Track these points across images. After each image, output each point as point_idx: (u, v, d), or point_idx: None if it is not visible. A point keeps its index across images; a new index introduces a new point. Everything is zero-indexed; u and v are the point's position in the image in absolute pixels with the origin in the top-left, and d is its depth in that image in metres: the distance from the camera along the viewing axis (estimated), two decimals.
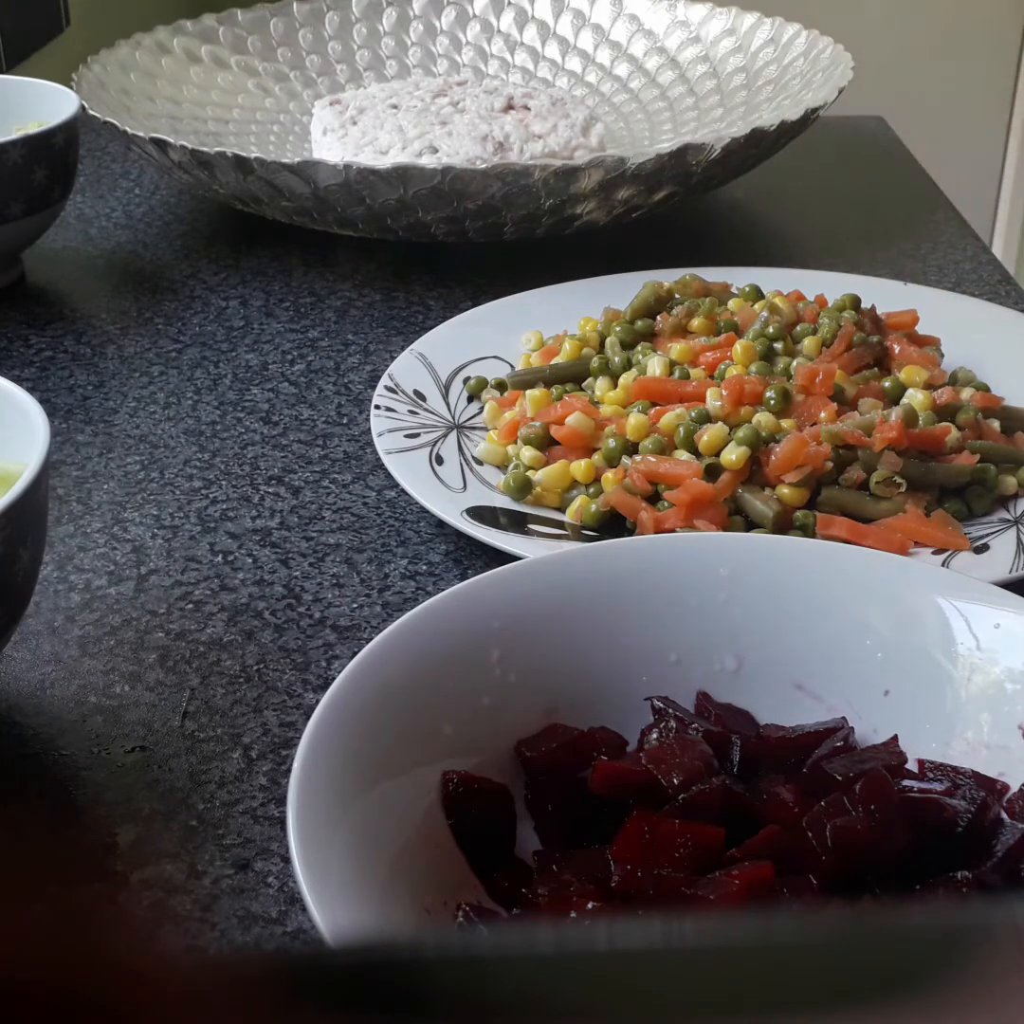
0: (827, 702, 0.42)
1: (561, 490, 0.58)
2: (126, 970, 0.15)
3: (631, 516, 0.56)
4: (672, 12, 1.07)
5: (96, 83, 0.94)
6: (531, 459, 0.59)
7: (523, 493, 0.58)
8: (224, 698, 0.48)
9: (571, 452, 0.59)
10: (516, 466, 0.59)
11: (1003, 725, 0.39)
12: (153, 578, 0.55)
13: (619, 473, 0.57)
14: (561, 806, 0.39)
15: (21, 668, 0.50)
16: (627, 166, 0.76)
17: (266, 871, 0.41)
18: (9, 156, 0.75)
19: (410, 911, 0.34)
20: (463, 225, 0.79)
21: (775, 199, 0.97)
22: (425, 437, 0.61)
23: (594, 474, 0.58)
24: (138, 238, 0.90)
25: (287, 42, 1.07)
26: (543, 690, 0.41)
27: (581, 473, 0.58)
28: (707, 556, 0.44)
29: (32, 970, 0.14)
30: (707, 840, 0.35)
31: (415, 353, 0.68)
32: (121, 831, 0.43)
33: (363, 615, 0.53)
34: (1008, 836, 0.37)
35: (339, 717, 0.36)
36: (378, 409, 0.63)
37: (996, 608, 0.41)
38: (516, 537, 0.55)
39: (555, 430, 0.60)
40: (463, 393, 0.66)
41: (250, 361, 0.74)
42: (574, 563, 0.44)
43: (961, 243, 0.87)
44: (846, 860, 0.35)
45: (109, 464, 0.64)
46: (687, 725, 0.40)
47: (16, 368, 0.72)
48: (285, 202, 0.80)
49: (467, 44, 1.11)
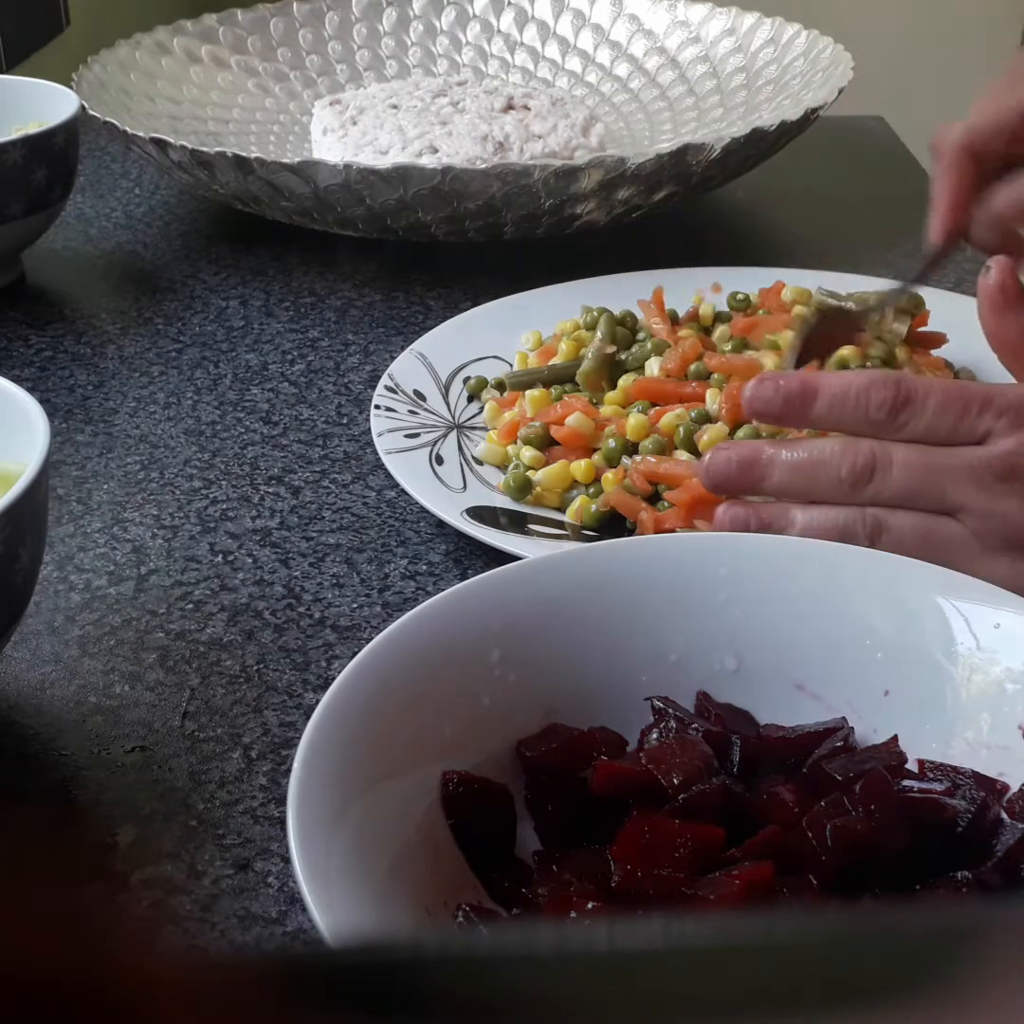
0: (827, 702, 0.42)
1: (561, 490, 0.58)
2: (126, 970, 0.15)
3: (631, 516, 0.56)
4: (672, 12, 1.07)
5: (96, 83, 0.94)
6: (531, 459, 0.59)
7: (523, 493, 0.58)
8: (224, 698, 0.48)
9: (571, 452, 0.59)
10: (516, 466, 0.59)
11: (1003, 725, 0.39)
12: (153, 578, 0.55)
13: (619, 473, 0.57)
14: (561, 806, 0.39)
15: (21, 668, 0.50)
16: (627, 166, 0.76)
17: (266, 871, 0.41)
18: (9, 156, 0.75)
19: (410, 911, 0.34)
20: (463, 225, 0.79)
21: (775, 199, 0.97)
22: (425, 437, 0.61)
23: (594, 474, 0.58)
24: (138, 238, 0.90)
25: (287, 42, 1.07)
26: (543, 690, 0.41)
27: (581, 473, 0.58)
28: (707, 556, 0.44)
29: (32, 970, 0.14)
30: (707, 840, 0.35)
31: (415, 353, 0.68)
32: (121, 831, 0.43)
33: (363, 615, 0.53)
34: (1008, 836, 0.37)
35: (339, 717, 0.36)
36: (378, 409, 0.63)
37: (996, 608, 0.41)
38: (516, 537, 0.55)
39: (555, 430, 0.60)
40: (463, 393, 0.66)
41: (250, 361, 0.74)
42: (574, 563, 0.44)
43: (961, 243, 0.87)
44: (846, 860, 0.35)
45: (109, 464, 0.64)
46: (687, 725, 0.40)
47: (16, 368, 0.72)
48: (285, 202, 0.80)
49: (467, 44, 1.11)
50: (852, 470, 0.48)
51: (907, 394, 0.48)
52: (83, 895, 0.15)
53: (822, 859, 0.35)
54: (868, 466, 0.48)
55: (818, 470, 0.48)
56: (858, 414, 0.48)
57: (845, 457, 0.48)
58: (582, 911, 0.34)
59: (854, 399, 0.48)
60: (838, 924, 0.16)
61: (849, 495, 0.48)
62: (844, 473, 0.48)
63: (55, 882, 0.15)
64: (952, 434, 0.47)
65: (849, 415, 0.48)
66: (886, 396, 0.48)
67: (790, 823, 0.36)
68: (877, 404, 0.48)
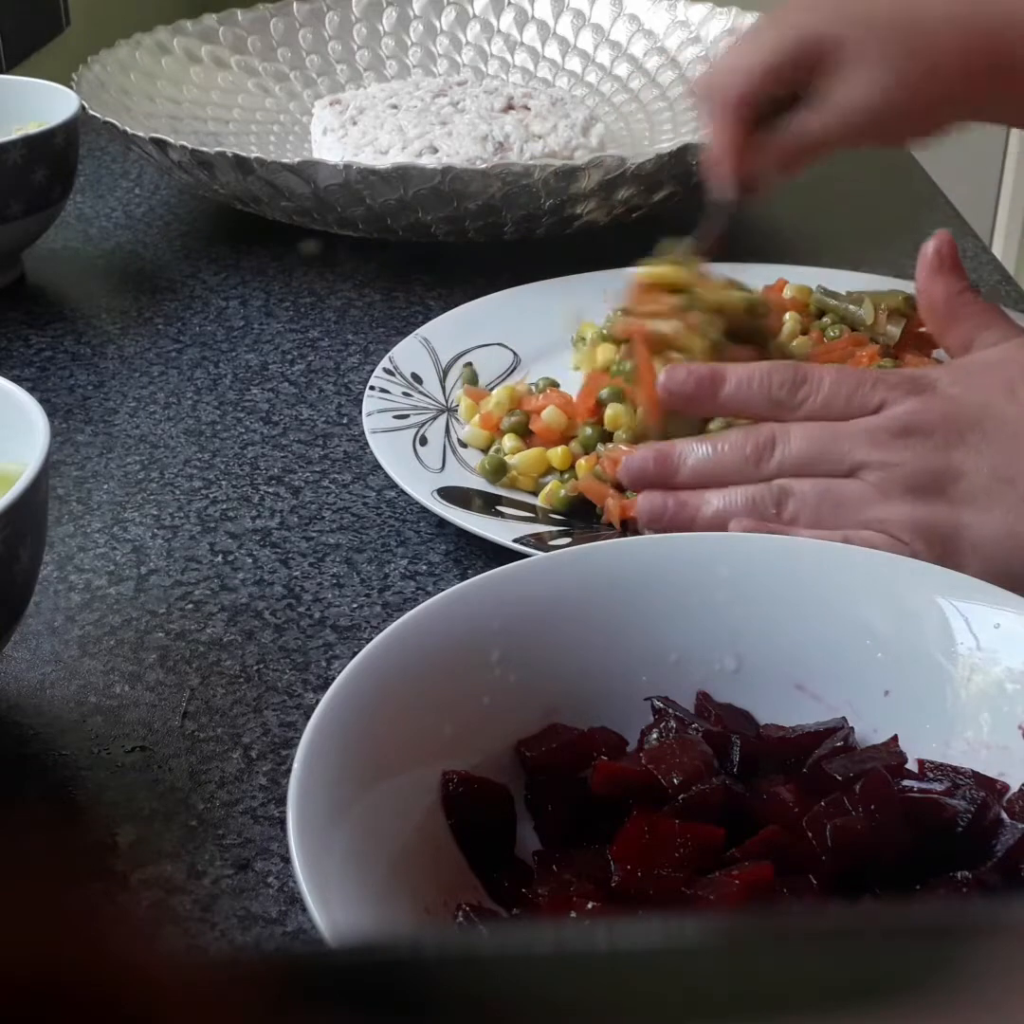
0: (827, 702, 0.42)
1: (537, 475, 0.60)
2: (126, 970, 0.15)
3: (598, 502, 0.57)
4: (672, 12, 1.07)
5: (96, 83, 0.94)
6: (512, 448, 0.60)
7: (498, 476, 0.59)
8: (224, 698, 0.48)
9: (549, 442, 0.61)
10: (497, 450, 0.61)
11: (1003, 725, 0.39)
12: (153, 578, 0.55)
13: (591, 460, 0.58)
14: (561, 806, 0.39)
15: (21, 668, 0.50)
16: (627, 166, 0.76)
17: (266, 871, 0.41)
18: (9, 156, 0.75)
19: (410, 911, 0.34)
20: (463, 225, 0.79)
21: (775, 199, 0.97)
22: (414, 419, 0.63)
23: (571, 461, 0.60)
24: (138, 238, 0.90)
25: (287, 42, 1.07)
26: (543, 690, 0.41)
27: (558, 459, 0.60)
28: (707, 556, 0.44)
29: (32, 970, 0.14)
30: (707, 840, 0.35)
31: (419, 338, 0.69)
32: (121, 831, 0.43)
33: (363, 615, 0.53)
34: (1008, 836, 0.37)
35: (339, 717, 0.36)
36: (372, 390, 0.64)
37: (996, 608, 0.41)
38: (482, 517, 0.55)
39: (533, 421, 0.62)
40: (461, 378, 0.66)
41: (250, 361, 0.74)
42: (574, 563, 0.44)
43: (961, 243, 0.87)
44: (846, 860, 0.35)
45: (109, 464, 0.64)
46: (687, 725, 0.40)
47: (16, 368, 0.72)
48: (285, 202, 0.80)
49: (467, 44, 1.11)
50: (755, 447, 0.51)
51: (804, 374, 0.52)
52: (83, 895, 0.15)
53: (822, 859, 0.35)
54: (769, 441, 0.51)
55: (725, 455, 0.52)
56: (762, 393, 0.52)
57: (748, 439, 0.52)
58: (582, 911, 0.34)
59: (758, 381, 0.53)
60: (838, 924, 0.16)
61: (755, 472, 0.51)
62: (748, 451, 0.52)
63: (55, 882, 0.15)
64: (848, 406, 0.51)
65: (754, 395, 0.53)
66: (785, 377, 0.52)
67: (790, 823, 0.36)
68: (778, 384, 0.52)
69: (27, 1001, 0.14)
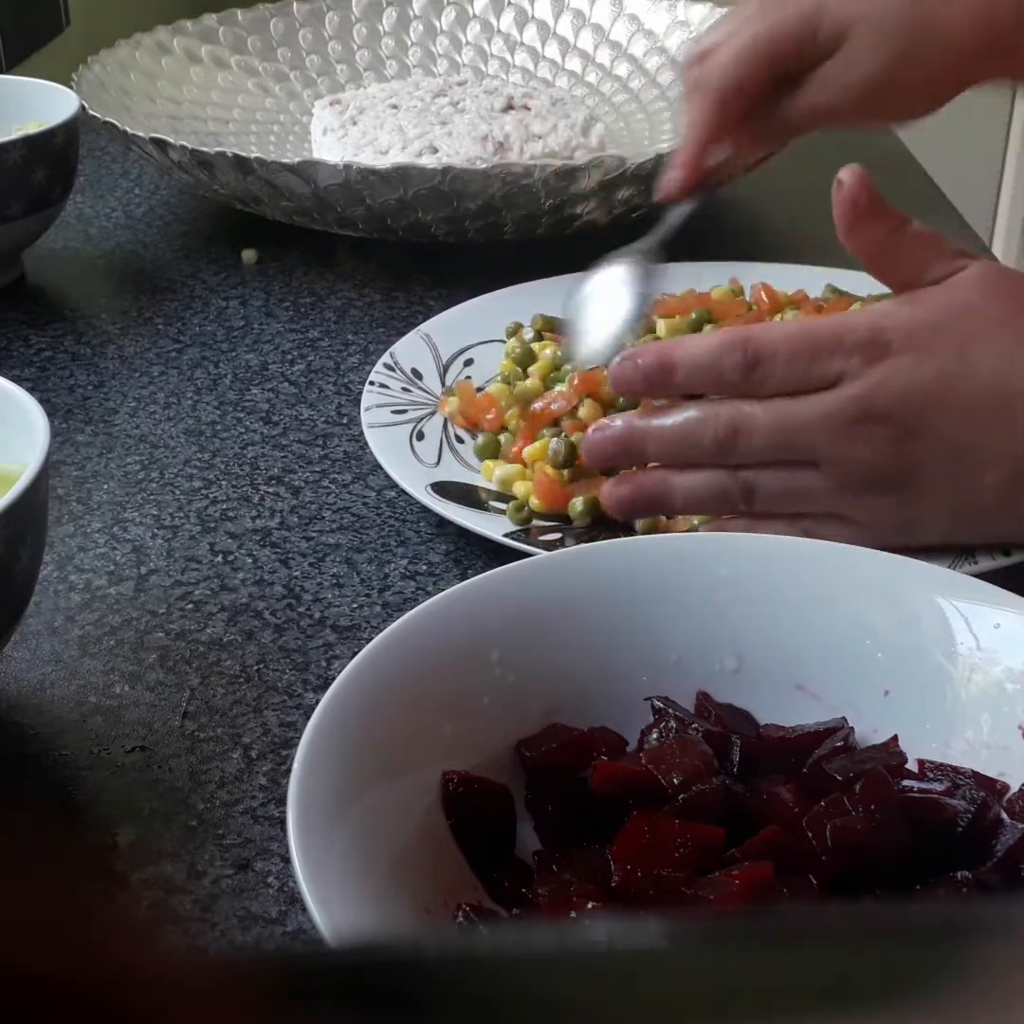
0: (827, 702, 0.42)
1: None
2: (126, 970, 0.15)
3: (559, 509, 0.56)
4: (672, 12, 1.07)
5: (96, 83, 0.94)
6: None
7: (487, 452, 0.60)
8: (224, 698, 0.48)
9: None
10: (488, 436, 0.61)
11: (1003, 725, 0.39)
12: (153, 578, 0.55)
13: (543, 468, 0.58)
14: (561, 806, 0.39)
15: (21, 668, 0.50)
16: (627, 166, 0.76)
17: (266, 871, 0.41)
18: (9, 156, 0.75)
19: (410, 911, 0.34)
20: (463, 225, 0.79)
21: (775, 199, 0.97)
22: (412, 414, 0.63)
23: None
24: (138, 238, 0.90)
25: (287, 42, 1.07)
26: (543, 690, 0.41)
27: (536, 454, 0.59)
28: (707, 556, 0.44)
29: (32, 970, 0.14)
30: (707, 840, 0.35)
31: (421, 334, 0.69)
32: (121, 831, 0.43)
33: (363, 615, 0.53)
34: (1008, 836, 0.37)
35: (339, 717, 0.36)
36: (372, 385, 0.64)
37: (996, 608, 0.41)
38: (473, 512, 0.56)
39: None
40: (461, 374, 0.66)
41: (250, 361, 0.74)
42: (574, 563, 0.44)
43: (961, 243, 0.87)
44: (846, 860, 0.35)
45: (109, 464, 0.64)
46: (687, 725, 0.40)
47: (16, 368, 0.72)
48: (285, 202, 0.80)
49: (467, 44, 1.11)
50: (715, 440, 0.51)
51: (756, 353, 0.50)
52: (83, 895, 0.15)
53: (822, 859, 0.35)
54: (729, 434, 0.50)
55: (687, 439, 0.51)
56: (714, 379, 0.51)
57: (707, 427, 0.51)
58: (582, 911, 0.34)
59: (709, 367, 0.51)
60: (838, 924, 0.16)
61: (719, 459, 0.51)
62: (708, 442, 0.51)
63: (55, 882, 0.15)
64: (805, 382, 0.50)
65: (707, 382, 0.51)
66: (737, 359, 0.50)
67: (790, 823, 0.36)
68: (730, 368, 0.50)
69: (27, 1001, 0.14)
